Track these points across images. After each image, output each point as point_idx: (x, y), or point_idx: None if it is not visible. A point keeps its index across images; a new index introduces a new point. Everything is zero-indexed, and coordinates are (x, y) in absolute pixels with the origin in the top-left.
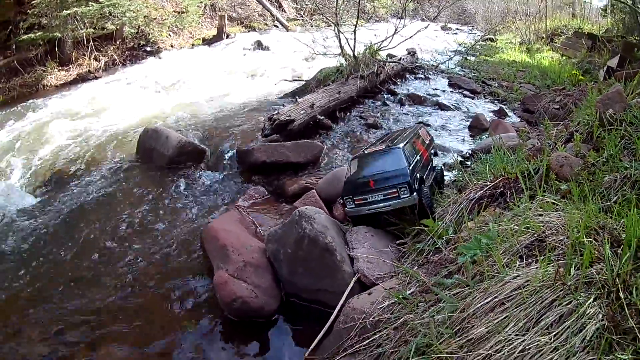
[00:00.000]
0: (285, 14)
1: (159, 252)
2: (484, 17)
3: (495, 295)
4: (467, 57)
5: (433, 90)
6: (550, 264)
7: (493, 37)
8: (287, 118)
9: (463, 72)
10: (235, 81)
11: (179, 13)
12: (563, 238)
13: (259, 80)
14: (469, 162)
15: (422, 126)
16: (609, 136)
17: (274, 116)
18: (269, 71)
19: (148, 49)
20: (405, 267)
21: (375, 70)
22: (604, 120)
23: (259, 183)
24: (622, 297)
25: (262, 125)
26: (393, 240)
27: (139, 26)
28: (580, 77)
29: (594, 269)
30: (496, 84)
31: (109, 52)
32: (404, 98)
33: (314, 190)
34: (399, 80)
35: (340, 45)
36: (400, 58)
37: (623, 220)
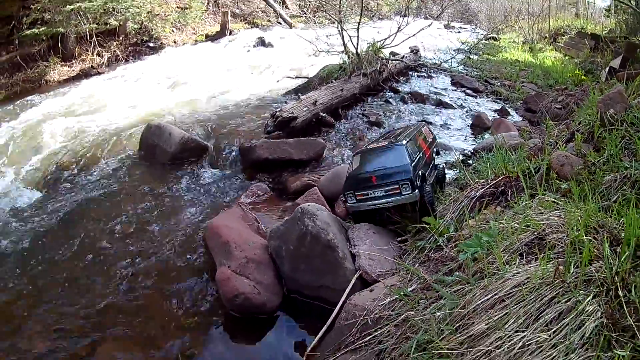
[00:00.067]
0: (289, 10)
1: (161, 249)
2: (487, 16)
3: (496, 292)
4: (470, 56)
5: (435, 89)
6: (550, 262)
7: (496, 36)
8: (290, 115)
9: (466, 71)
10: (238, 78)
11: (182, 9)
12: (563, 236)
13: (262, 77)
14: (470, 161)
15: (425, 124)
16: (609, 136)
17: (277, 113)
18: (271, 68)
19: (151, 44)
20: (406, 265)
21: (378, 68)
22: (605, 120)
23: (262, 180)
24: (621, 295)
25: (265, 122)
26: (394, 238)
27: (142, 22)
28: (583, 77)
29: (593, 267)
30: (499, 83)
31: (112, 48)
32: (406, 96)
33: (316, 188)
34: (401, 78)
35: (344, 42)
36: (403, 56)
37: (622, 220)
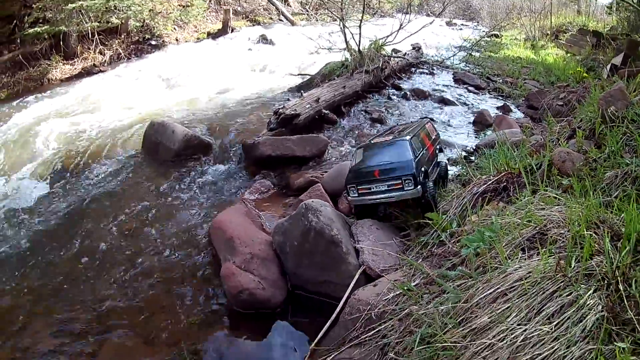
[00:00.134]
0: (291, 8)
1: (165, 246)
2: (489, 13)
3: (498, 286)
4: (472, 53)
5: (438, 86)
6: (551, 256)
7: (498, 34)
8: (293, 112)
9: (468, 68)
10: (240, 75)
11: (184, 7)
12: (564, 231)
13: (264, 75)
14: (473, 157)
15: (429, 121)
16: (610, 133)
17: (280, 110)
18: (274, 65)
19: (153, 42)
20: (409, 260)
21: (380, 65)
22: (606, 117)
23: (265, 176)
24: (622, 289)
25: (268, 119)
26: (398, 233)
27: (144, 20)
28: (585, 75)
29: (594, 261)
30: (501, 80)
31: (114, 46)
32: (408, 93)
33: (319, 184)
34: (403, 75)
35: (346, 40)
36: (405, 53)
37: (623, 215)
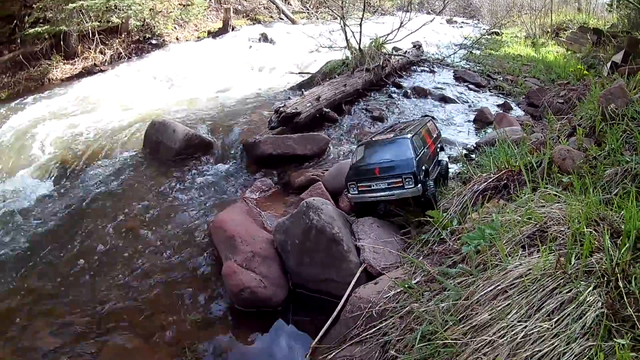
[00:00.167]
0: (291, 6)
1: (167, 245)
2: (489, 11)
3: (498, 283)
4: (473, 51)
5: (438, 84)
6: (551, 254)
7: (498, 31)
8: (294, 110)
9: (468, 66)
10: (240, 74)
11: (184, 6)
12: (564, 228)
13: (265, 73)
14: (473, 155)
15: (431, 119)
16: (610, 130)
17: (281, 109)
18: (274, 64)
19: (154, 42)
20: (410, 257)
21: (380, 64)
22: (606, 114)
23: (266, 175)
24: (621, 286)
25: (269, 117)
26: (398, 231)
27: (145, 19)
28: (585, 72)
29: (593, 258)
30: (501, 78)
31: (114, 46)
32: (409, 91)
33: (320, 182)
34: (404, 73)
35: (346, 38)
36: (406, 51)
37: (623, 212)
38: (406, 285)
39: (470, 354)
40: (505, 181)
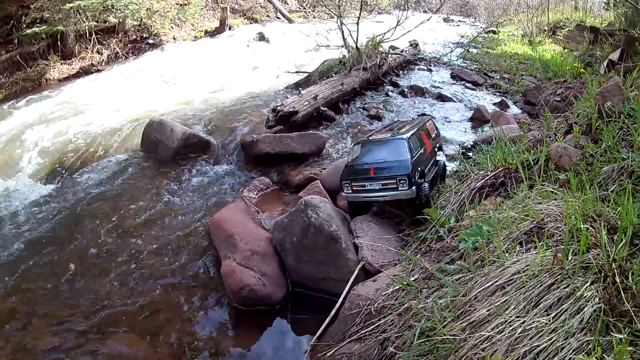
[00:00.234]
0: (288, 6)
1: (165, 244)
2: (486, 9)
3: (496, 279)
4: (469, 50)
5: (435, 82)
6: (548, 250)
7: (495, 30)
8: (291, 109)
9: (465, 64)
10: (238, 73)
11: (181, 5)
12: (561, 225)
13: (262, 72)
14: (470, 153)
15: (430, 119)
16: (607, 128)
17: (278, 107)
18: (271, 63)
19: (150, 41)
20: (408, 255)
21: (377, 62)
22: (603, 112)
23: (264, 174)
24: (618, 281)
25: (266, 116)
26: (396, 229)
27: (141, 19)
28: (582, 70)
29: (590, 254)
30: (498, 76)
31: (111, 45)
32: (406, 90)
33: (318, 181)
34: (401, 72)
35: (343, 37)
36: (403, 50)
37: (619, 209)
38: (404, 283)
39: (468, 349)
40: (502, 179)
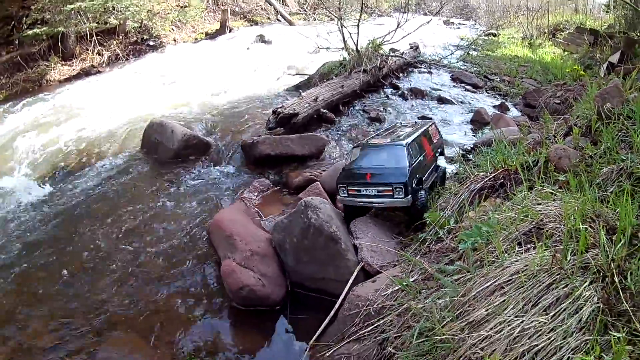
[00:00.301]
0: (288, 8)
1: (165, 244)
2: (486, 12)
3: (495, 279)
4: (469, 52)
5: (435, 85)
6: (547, 250)
7: (495, 32)
8: (291, 111)
9: (465, 67)
10: (238, 75)
11: (181, 7)
12: (560, 225)
13: (262, 75)
14: (470, 155)
15: (433, 123)
16: (606, 129)
17: (278, 109)
18: (272, 65)
19: (151, 43)
20: (408, 256)
21: (378, 65)
22: (602, 114)
23: (264, 175)
24: (617, 281)
25: (266, 118)
26: (396, 230)
27: (142, 20)
28: (582, 73)
29: (589, 254)
30: (498, 79)
31: (112, 47)
32: (406, 92)
33: (318, 182)
34: (401, 74)
35: (344, 39)
36: (403, 52)
37: (618, 209)
38: (404, 283)
39: (467, 349)
40: (502, 180)
